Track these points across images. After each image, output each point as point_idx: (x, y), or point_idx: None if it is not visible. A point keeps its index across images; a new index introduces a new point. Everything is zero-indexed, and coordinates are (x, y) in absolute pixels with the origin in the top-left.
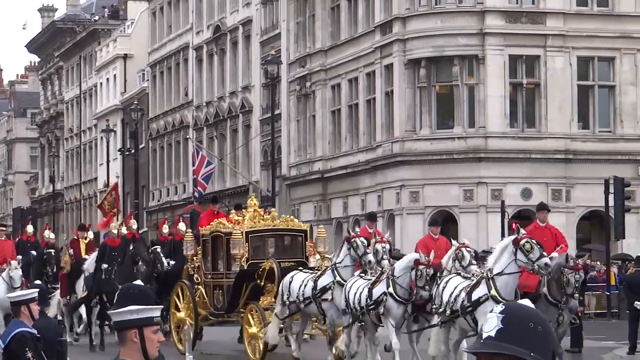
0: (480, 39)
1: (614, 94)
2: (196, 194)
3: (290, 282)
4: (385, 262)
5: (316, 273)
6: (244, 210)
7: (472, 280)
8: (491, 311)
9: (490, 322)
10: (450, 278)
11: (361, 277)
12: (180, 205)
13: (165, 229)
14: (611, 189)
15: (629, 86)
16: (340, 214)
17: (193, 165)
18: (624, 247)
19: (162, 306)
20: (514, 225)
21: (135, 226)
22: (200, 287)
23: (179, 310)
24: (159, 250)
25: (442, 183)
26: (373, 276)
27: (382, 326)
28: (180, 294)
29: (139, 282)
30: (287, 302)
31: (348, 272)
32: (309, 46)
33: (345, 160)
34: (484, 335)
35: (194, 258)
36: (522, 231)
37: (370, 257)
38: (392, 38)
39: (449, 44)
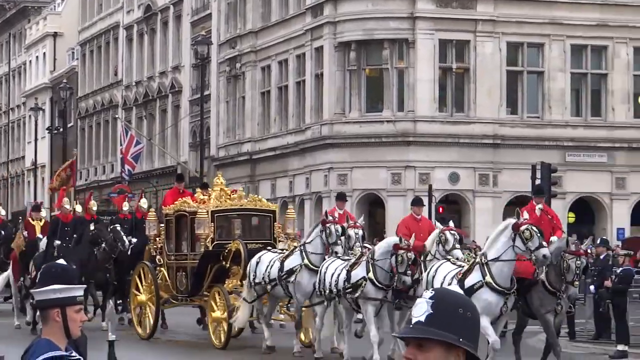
0: (411, 23)
1: (542, 79)
2: (125, 174)
3: (257, 263)
4: (357, 250)
5: (284, 253)
6: (209, 189)
7: (464, 266)
8: (420, 296)
9: (419, 307)
10: (441, 264)
11: (338, 257)
12: (108, 185)
13: (126, 206)
14: (538, 175)
15: (557, 72)
16: (268, 196)
17: (122, 144)
18: None
19: (84, 286)
20: (441, 209)
21: (95, 208)
22: (162, 268)
23: (140, 293)
24: (119, 228)
25: (371, 166)
26: (352, 256)
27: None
28: (141, 276)
29: (60, 261)
30: (253, 284)
31: (317, 259)
32: (240, 27)
33: (274, 142)
34: (413, 320)
35: (157, 239)
36: (526, 215)
37: (339, 249)
38: (322, 20)
39: (379, 27)
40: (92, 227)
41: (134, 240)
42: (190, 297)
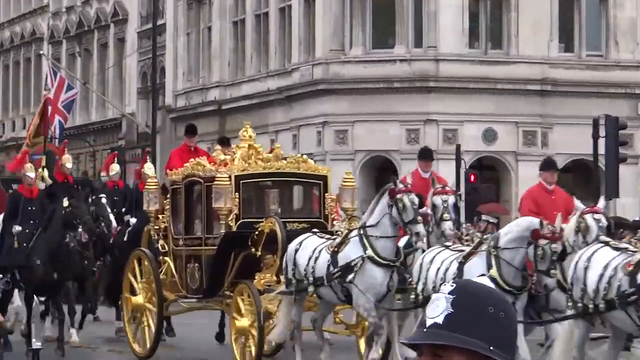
0: None
1: (606, 7)
2: (53, 129)
3: (296, 251)
4: (447, 225)
5: (335, 239)
6: (233, 146)
7: (628, 254)
8: (438, 291)
9: (436, 305)
10: (595, 250)
11: (446, 247)
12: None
13: (114, 170)
14: (602, 132)
15: None
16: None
17: (48, 89)
18: (618, 209)
19: None
20: (472, 177)
21: (69, 165)
22: (167, 259)
23: (134, 294)
24: (104, 201)
25: (379, 120)
26: (467, 245)
27: None
28: (136, 270)
29: None
30: (293, 281)
31: (386, 246)
32: None
33: (250, 87)
34: (429, 322)
35: (159, 217)
36: None
37: (420, 228)
38: None
39: None
40: (65, 203)
41: (133, 220)
42: (206, 298)
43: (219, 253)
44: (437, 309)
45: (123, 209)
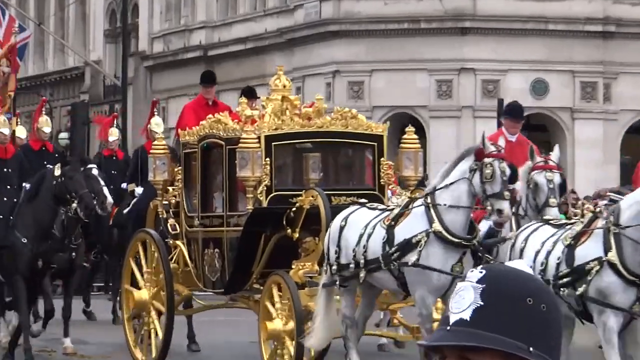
0: None
1: None
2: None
3: (341, 228)
4: (554, 213)
5: (392, 211)
6: (262, 99)
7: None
8: (463, 279)
9: (461, 296)
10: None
11: (548, 223)
12: None
13: (114, 136)
14: None
15: None
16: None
17: None
18: None
19: None
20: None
21: (48, 129)
22: (179, 242)
23: (138, 288)
24: (95, 172)
25: (402, 69)
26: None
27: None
28: (142, 256)
29: None
30: (335, 266)
31: (456, 219)
32: None
33: (242, 29)
34: (453, 318)
35: (169, 189)
36: None
37: (505, 205)
38: None
39: None
40: (57, 171)
41: (139, 190)
42: (229, 293)
43: (245, 235)
44: (463, 302)
45: (123, 185)
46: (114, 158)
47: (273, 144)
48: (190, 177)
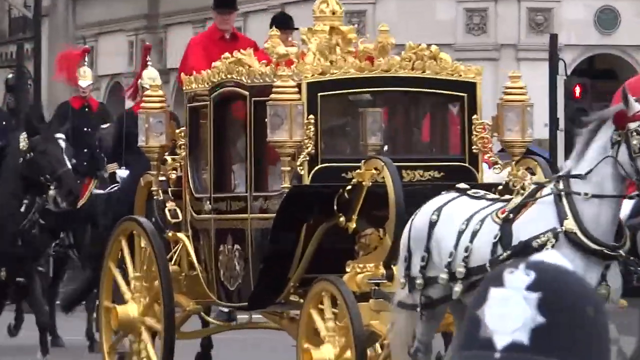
0: None
1: None
2: None
3: (432, 223)
4: None
5: (512, 200)
6: (301, 31)
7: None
8: (497, 284)
9: (507, 309)
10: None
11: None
12: None
13: (86, 77)
14: None
15: None
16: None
17: None
18: None
19: None
20: (578, 89)
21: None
22: (181, 235)
23: (122, 302)
24: (63, 143)
25: None
26: None
27: None
28: (127, 256)
29: None
30: (420, 280)
31: (600, 214)
32: None
33: None
34: (501, 340)
35: (167, 159)
36: None
37: None
38: None
39: None
40: (22, 143)
41: (122, 173)
42: (255, 309)
43: (279, 225)
44: (514, 318)
45: (102, 155)
46: (87, 110)
47: (319, 94)
48: (199, 143)
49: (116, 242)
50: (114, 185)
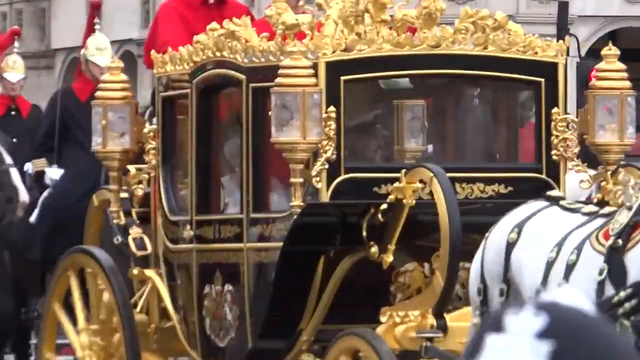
0: None
1: None
2: None
3: (510, 244)
4: None
5: (615, 214)
6: None
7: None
8: (496, 329)
9: (509, 356)
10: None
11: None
12: None
13: (15, 70)
14: None
15: None
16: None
17: None
18: None
19: None
20: (593, 74)
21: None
22: (151, 273)
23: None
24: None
25: None
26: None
27: None
28: (77, 299)
29: None
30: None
31: None
32: None
33: None
34: None
35: (130, 168)
36: None
37: None
38: None
39: None
40: None
41: (53, 173)
42: None
43: (287, 258)
44: None
45: (27, 165)
46: (14, 114)
47: (342, 78)
48: (175, 147)
49: (63, 278)
50: (45, 192)
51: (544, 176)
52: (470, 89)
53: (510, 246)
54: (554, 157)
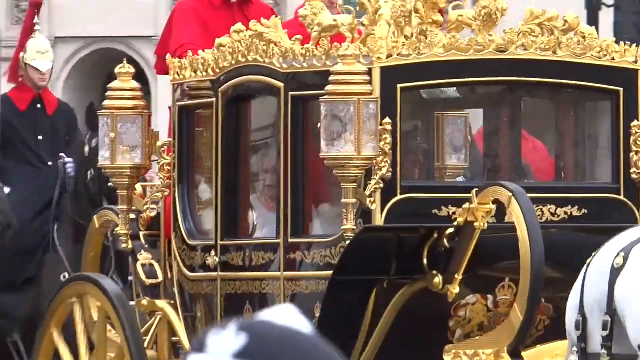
0: None
1: None
2: None
3: (616, 270)
4: None
5: None
6: None
7: None
8: (198, 348)
9: None
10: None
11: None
12: None
13: (43, 57)
14: None
15: None
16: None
17: None
18: None
19: None
20: None
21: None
22: (163, 305)
23: None
24: None
25: None
26: None
27: None
28: (79, 334)
29: None
30: (607, 357)
31: None
32: None
33: None
34: None
35: (139, 187)
36: None
37: None
38: None
39: None
40: None
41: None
42: None
43: (336, 289)
44: None
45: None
46: (39, 106)
47: (399, 86)
48: (193, 161)
49: (65, 305)
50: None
51: (621, 197)
52: (534, 98)
53: (615, 272)
54: (634, 176)
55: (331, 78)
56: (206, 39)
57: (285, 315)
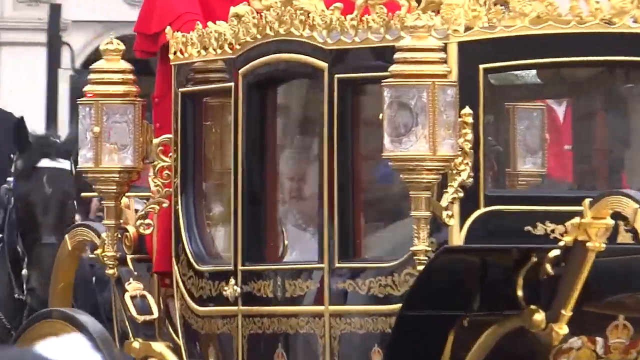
0: None
1: None
2: None
3: None
4: None
5: None
6: None
7: None
8: None
9: None
10: None
11: None
12: None
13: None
14: None
15: None
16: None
17: None
18: None
19: None
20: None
21: None
22: (159, 346)
23: None
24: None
25: None
26: None
27: None
28: None
29: None
30: None
31: None
32: None
33: None
34: None
35: (128, 197)
36: None
37: None
38: None
39: None
40: None
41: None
42: None
43: (404, 326)
44: None
45: None
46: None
47: (482, 67)
48: (201, 163)
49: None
50: None
51: None
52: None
53: None
54: None
55: (396, 56)
56: (205, 12)
57: (68, 347)
